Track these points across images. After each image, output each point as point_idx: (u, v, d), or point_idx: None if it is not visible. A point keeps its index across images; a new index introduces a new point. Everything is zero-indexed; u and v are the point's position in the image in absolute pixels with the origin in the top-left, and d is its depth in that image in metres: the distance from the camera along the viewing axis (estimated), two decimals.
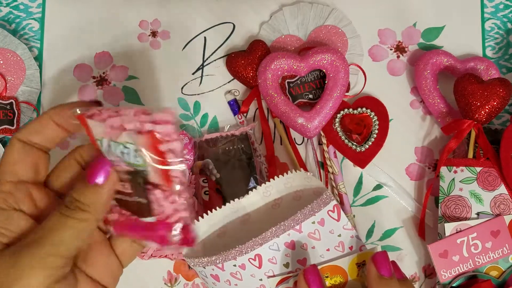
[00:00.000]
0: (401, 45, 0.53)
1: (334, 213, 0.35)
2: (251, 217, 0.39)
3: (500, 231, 0.46)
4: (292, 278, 0.35)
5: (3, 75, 0.49)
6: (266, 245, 0.35)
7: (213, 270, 0.36)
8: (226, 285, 0.36)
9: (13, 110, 0.48)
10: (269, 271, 0.35)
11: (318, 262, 0.35)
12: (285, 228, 0.35)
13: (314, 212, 0.35)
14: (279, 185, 0.38)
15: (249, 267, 0.35)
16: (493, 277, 0.46)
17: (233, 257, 0.35)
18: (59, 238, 0.28)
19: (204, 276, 0.37)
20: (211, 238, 0.38)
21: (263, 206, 0.38)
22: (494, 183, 0.47)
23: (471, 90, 0.47)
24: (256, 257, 0.35)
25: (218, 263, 0.35)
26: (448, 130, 0.49)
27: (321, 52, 0.48)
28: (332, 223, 0.35)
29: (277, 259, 0.35)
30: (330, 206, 0.35)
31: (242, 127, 0.49)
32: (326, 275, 0.35)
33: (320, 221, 0.35)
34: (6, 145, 0.49)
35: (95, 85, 0.52)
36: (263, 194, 0.38)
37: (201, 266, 0.36)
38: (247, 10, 0.53)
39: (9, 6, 0.52)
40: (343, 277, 0.36)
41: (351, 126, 0.50)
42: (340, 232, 0.36)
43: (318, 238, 0.35)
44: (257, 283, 0.35)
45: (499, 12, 0.54)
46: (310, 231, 0.35)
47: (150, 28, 0.53)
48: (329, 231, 0.35)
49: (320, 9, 0.52)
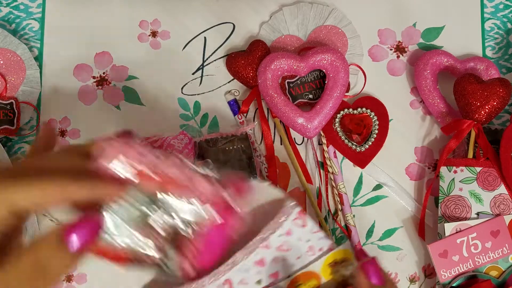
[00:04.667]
0: (401, 45, 0.53)
1: (299, 220, 0.34)
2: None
3: (500, 231, 0.46)
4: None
5: (3, 75, 0.49)
6: (235, 268, 0.33)
7: None
8: None
9: (13, 110, 0.48)
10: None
11: (291, 272, 0.34)
12: (252, 249, 0.34)
13: (278, 226, 0.34)
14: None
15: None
16: (493, 277, 0.46)
17: (202, 286, 0.33)
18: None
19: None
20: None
21: None
22: (494, 183, 0.47)
23: (471, 90, 0.47)
24: (226, 281, 0.33)
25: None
26: (448, 130, 0.49)
27: (321, 52, 0.48)
28: (299, 231, 0.34)
29: (249, 279, 0.34)
30: (294, 214, 0.34)
31: (242, 127, 0.49)
32: (299, 284, 0.35)
33: (288, 232, 0.34)
34: (5, 145, 0.49)
35: (95, 85, 0.52)
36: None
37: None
38: (247, 10, 0.53)
39: (9, 6, 0.52)
40: (317, 279, 0.35)
41: (351, 126, 0.50)
42: (308, 237, 0.35)
43: (286, 249, 0.34)
44: None
45: (499, 12, 0.54)
46: (278, 244, 0.34)
47: (150, 28, 0.52)
48: (297, 239, 0.35)
49: (320, 9, 0.52)
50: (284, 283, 0.35)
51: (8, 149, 0.50)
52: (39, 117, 0.50)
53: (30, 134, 0.50)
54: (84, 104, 0.51)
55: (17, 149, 0.50)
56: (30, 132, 0.50)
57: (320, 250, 0.35)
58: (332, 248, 0.35)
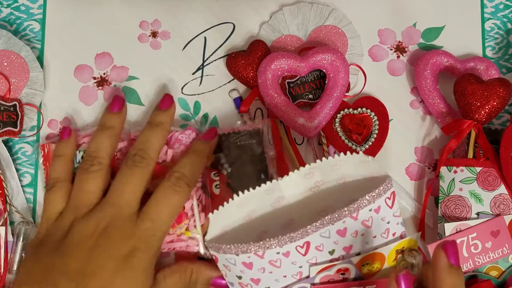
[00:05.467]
0: (401, 45, 0.53)
1: (390, 200, 0.34)
2: (285, 199, 0.36)
3: (500, 231, 0.46)
4: (335, 266, 0.34)
5: (7, 77, 0.49)
6: (318, 232, 0.33)
7: (249, 258, 0.33)
8: (258, 273, 0.34)
9: (16, 112, 0.48)
10: (312, 258, 0.33)
11: (363, 249, 0.34)
12: (343, 215, 0.33)
13: (374, 200, 0.33)
14: (326, 167, 0.35)
15: (294, 255, 0.33)
16: (493, 277, 0.46)
17: (280, 245, 0.32)
18: None
19: (230, 263, 0.34)
20: (235, 221, 0.35)
21: (301, 187, 0.35)
22: (494, 183, 0.47)
23: (471, 90, 0.47)
24: (304, 244, 0.33)
25: (259, 251, 0.33)
26: (448, 130, 0.49)
27: (321, 52, 0.48)
28: (386, 210, 0.34)
29: (325, 247, 0.33)
30: (389, 193, 0.34)
31: (255, 123, 0.50)
32: (367, 262, 0.34)
33: (377, 209, 0.33)
34: (6, 145, 0.49)
35: (96, 86, 0.52)
36: (305, 175, 0.35)
37: (232, 253, 0.33)
38: (247, 10, 0.53)
39: (10, 7, 0.53)
40: (381, 263, 0.35)
41: (351, 126, 0.50)
42: (390, 219, 0.34)
43: (369, 226, 0.34)
44: (295, 270, 0.34)
45: (499, 12, 0.54)
46: (364, 218, 0.33)
47: (151, 29, 0.53)
48: (381, 218, 0.34)
49: (320, 9, 0.52)
50: (354, 260, 0.34)
51: (8, 149, 0.50)
52: (42, 119, 0.51)
53: (31, 136, 0.51)
54: (85, 104, 0.51)
55: (18, 150, 0.50)
56: (32, 133, 0.50)
57: (394, 235, 0.35)
58: (403, 236, 0.35)
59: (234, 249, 0.33)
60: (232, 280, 0.35)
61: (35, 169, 0.50)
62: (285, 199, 0.35)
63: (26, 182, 0.50)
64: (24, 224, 0.48)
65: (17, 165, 0.50)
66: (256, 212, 0.37)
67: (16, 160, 0.50)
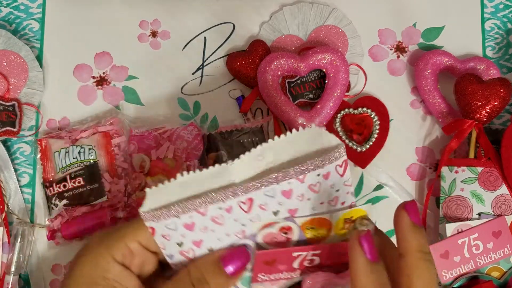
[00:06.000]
0: (401, 45, 0.53)
1: (341, 168, 0.33)
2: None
3: (501, 232, 0.45)
4: (278, 224, 0.33)
5: (6, 77, 0.49)
6: (262, 190, 0.32)
7: (191, 218, 0.32)
8: (200, 234, 0.33)
9: (15, 112, 0.48)
10: (255, 217, 0.33)
11: (308, 213, 0.33)
12: (289, 176, 0.32)
13: (323, 165, 0.32)
14: (277, 146, 0.34)
15: (236, 211, 0.32)
16: (495, 278, 0.45)
17: (223, 199, 0.32)
18: None
19: (170, 230, 0.33)
20: (176, 201, 0.33)
21: (252, 170, 0.34)
22: (496, 183, 0.46)
23: (471, 90, 0.47)
24: (247, 201, 0.32)
25: (201, 207, 0.32)
26: (449, 130, 0.49)
27: (321, 52, 0.48)
28: (336, 178, 0.33)
29: (268, 206, 0.33)
30: (340, 161, 0.33)
31: (257, 120, 0.49)
32: (312, 227, 0.34)
33: (326, 175, 0.33)
34: (4, 145, 0.49)
35: (95, 85, 0.51)
36: (257, 157, 0.33)
37: (174, 216, 0.32)
38: (247, 10, 0.53)
39: (9, 6, 0.52)
40: (328, 230, 0.34)
41: (352, 126, 0.50)
42: (339, 187, 0.34)
43: (317, 191, 0.33)
44: (238, 227, 0.33)
45: (499, 12, 0.54)
46: (312, 183, 0.33)
47: (150, 28, 0.52)
48: (330, 185, 0.33)
49: (321, 9, 0.52)
50: (299, 221, 0.34)
51: (7, 149, 0.49)
52: (41, 119, 0.50)
53: (30, 135, 0.50)
54: (84, 104, 0.51)
55: (16, 149, 0.50)
56: (30, 133, 0.50)
57: (343, 204, 0.34)
58: (353, 206, 0.34)
59: (175, 209, 0.32)
60: (171, 252, 0.34)
61: (33, 169, 0.50)
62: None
63: (24, 182, 0.50)
64: (22, 225, 0.47)
65: (16, 165, 0.50)
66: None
67: (14, 160, 0.50)
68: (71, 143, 0.47)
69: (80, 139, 0.46)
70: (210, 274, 0.31)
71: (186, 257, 0.34)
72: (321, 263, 0.35)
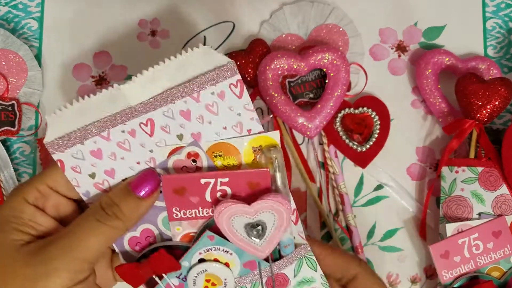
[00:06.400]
0: (402, 44, 0.53)
1: (236, 89, 0.34)
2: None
3: (501, 232, 0.45)
4: (184, 149, 0.34)
5: (5, 76, 0.49)
6: (160, 110, 0.33)
7: (95, 144, 0.33)
8: (110, 161, 0.33)
9: (14, 112, 0.48)
10: (161, 141, 0.33)
11: (212, 138, 0.34)
12: (182, 93, 0.33)
13: (215, 82, 0.33)
14: (170, 69, 0.34)
15: (140, 134, 0.33)
16: (495, 278, 0.45)
17: (122, 120, 0.32)
18: (88, 244, 0.30)
19: (78, 160, 0.33)
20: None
21: (148, 95, 0.33)
22: (496, 183, 0.46)
23: (472, 89, 0.47)
24: (148, 122, 0.33)
25: (103, 131, 0.32)
26: (449, 130, 0.49)
27: (322, 51, 0.48)
28: (233, 99, 0.34)
29: (171, 129, 0.33)
30: (233, 80, 0.34)
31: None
32: (219, 153, 0.34)
33: (220, 94, 0.33)
34: (3, 144, 0.49)
35: (94, 85, 0.51)
36: (151, 80, 0.34)
37: (78, 143, 0.32)
38: (247, 9, 0.53)
39: (8, 5, 0.52)
40: (237, 159, 0.35)
41: (352, 125, 0.50)
42: (240, 111, 0.34)
43: (215, 113, 0.34)
44: (147, 155, 0.33)
45: (500, 11, 0.53)
46: (208, 102, 0.33)
47: (150, 27, 0.52)
48: (228, 107, 0.34)
49: (321, 7, 0.51)
50: (205, 147, 0.34)
51: (6, 149, 0.49)
52: (40, 118, 0.50)
53: (30, 135, 0.50)
54: None
55: (16, 149, 0.50)
56: (30, 133, 0.50)
57: (249, 131, 0.35)
58: (261, 132, 0.34)
59: (77, 134, 0.32)
60: (85, 187, 0.34)
61: (33, 168, 0.50)
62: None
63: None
64: None
65: (15, 165, 0.50)
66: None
67: (14, 160, 0.50)
68: None
69: None
70: (118, 197, 0.32)
71: (101, 190, 0.34)
72: (233, 195, 0.34)
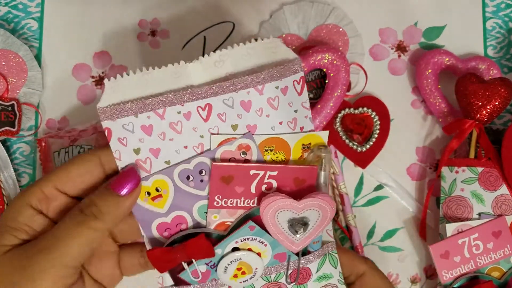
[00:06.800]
0: (402, 45, 0.53)
1: (298, 85, 0.33)
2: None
3: (501, 232, 0.45)
4: (236, 140, 0.32)
5: (4, 77, 0.49)
6: (221, 96, 0.32)
7: (149, 119, 0.31)
8: (158, 140, 0.32)
9: (14, 112, 0.48)
10: (214, 128, 0.32)
11: (267, 132, 0.33)
12: (247, 83, 0.32)
13: (281, 77, 0.32)
14: (237, 55, 0.33)
15: (195, 118, 0.32)
16: (495, 278, 0.45)
17: (181, 101, 0.31)
18: (68, 249, 0.29)
19: (128, 131, 0.32)
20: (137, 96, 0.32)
21: (210, 77, 0.33)
22: (496, 183, 0.46)
23: (472, 89, 0.47)
24: (206, 106, 0.32)
25: (159, 108, 0.31)
26: (449, 130, 0.49)
27: (322, 51, 0.48)
28: (294, 95, 0.33)
29: (227, 117, 0.32)
30: (298, 76, 0.33)
31: None
32: (271, 148, 0.33)
33: (284, 88, 0.33)
34: (3, 145, 0.49)
35: (94, 85, 0.51)
36: (215, 63, 0.33)
37: (131, 114, 0.31)
38: (247, 9, 0.53)
39: (7, 5, 0.52)
40: (286, 155, 0.34)
41: (352, 126, 0.50)
42: (297, 107, 0.34)
43: (275, 107, 0.33)
44: (197, 140, 0.32)
45: (500, 11, 0.53)
46: (270, 96, 0.32)
47: (150, 27, 0.52)
48: (288, 103, 0.33)
49: (321, 8, 0.51)
50: (258, 140, 0.33)
51: (6, 149, 0.49)
52: (40, 119, 0.50)
53: (29, 135, 0.50)
54: (83, 103, 0.51)
55: (16, 149, 0.50)
56: (30, 133, 0.50)
57: (302, 129, 0.34)
58: (311, 131, 0.34)
59: (134, 105, 0.31)
60: (127, 161, 0.32)
61: (33, 169, 0.50)
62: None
63: (24, 182, 0.50)
64: None
65: (15, 165, 0.50)
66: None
67: (14, 160, 0.50)
68: (70, 143, 0.47)
69: (80, 139, 0.46)
70: (98, 197, 0.31)
71: (141, 168, 0.32)
72: (278, 188, 0.34)
